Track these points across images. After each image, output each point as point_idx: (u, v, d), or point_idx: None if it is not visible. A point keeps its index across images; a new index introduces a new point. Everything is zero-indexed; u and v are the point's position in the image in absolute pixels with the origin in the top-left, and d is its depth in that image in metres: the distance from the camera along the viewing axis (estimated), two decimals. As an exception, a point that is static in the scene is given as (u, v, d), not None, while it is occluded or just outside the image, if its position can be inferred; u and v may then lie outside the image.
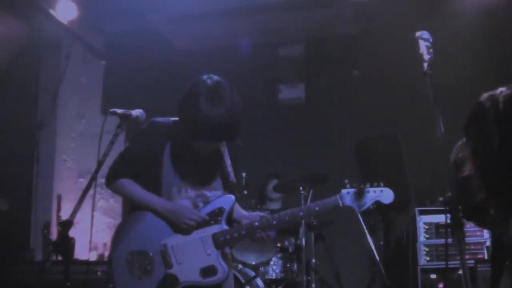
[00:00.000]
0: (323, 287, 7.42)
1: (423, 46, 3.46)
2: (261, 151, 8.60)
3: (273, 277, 6.96)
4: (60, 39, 9.25)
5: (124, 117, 3.76)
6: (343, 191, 3.89)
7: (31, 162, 8.95)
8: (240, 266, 6.75)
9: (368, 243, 6.89)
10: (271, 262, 6.98)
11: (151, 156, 3.78)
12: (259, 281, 6.62)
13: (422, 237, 6.99)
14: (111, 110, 3.73)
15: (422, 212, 6.96)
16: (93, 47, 9.75)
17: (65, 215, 7.41)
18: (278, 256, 7.01)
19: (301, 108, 9.38)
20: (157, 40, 9.28)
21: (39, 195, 8.93)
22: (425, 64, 3.43)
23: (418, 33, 3.54)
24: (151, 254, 3.70)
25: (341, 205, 3.85)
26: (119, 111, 3.76)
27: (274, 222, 3.75)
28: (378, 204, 3.94)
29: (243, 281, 6.33)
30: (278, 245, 6.99)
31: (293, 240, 7.37)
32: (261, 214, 3.90)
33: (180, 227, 3.71)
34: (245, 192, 7.18)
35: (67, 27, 8.81)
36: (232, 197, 3.82)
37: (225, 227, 3.74)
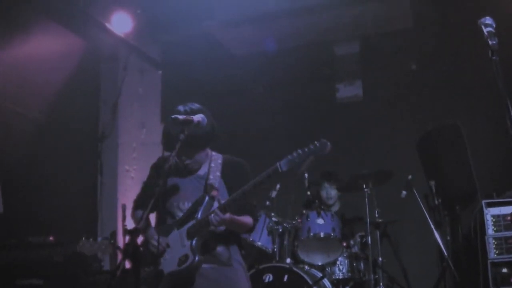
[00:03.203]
0: (391, 285, 7.33)
1: (486, 32, 3.38)
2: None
3: (340, 277, 6.91)
4: (116, 51, 9.40)
5: (186, 123, 3.80)
6: (284, 159, 4.04)
7: (95, 174, 9.11)
8: (306, 267, 6.71)
9: (436, 238, 6.79)
10: (338, 262, 6.93)
11: (157, 184, 4.02)
12: (326, 282, 6.57)
13: (490, 230, 6.80)
14: (173, 116, 3.79)
15: (490, 205, 6.77)
16: (150, 57, 9.87)
17: (130, 224, 7.51)
18: (344, 255, 6.96)
19: (359, 105, 9.30)
20: (212, 47, 9.33)
21: (104, 205, 9.08)
22: (490, 51, 3.34)
23: (480, 19, 3.46)
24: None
25: (280, 170, 4.01)
26: (180, 117, 3.81)
27: (223, 202, 4.14)
28: (317, 157, 4.09)
29: (310, 282, 6.29)
30: (344, 244, 6.93)
31: (358, 239, 7.32)
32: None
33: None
34: (308, 193, 7.15)
35: (123, 39, 8.95)
36: (206, 196, 4.23)
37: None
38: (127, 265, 3.48)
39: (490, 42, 3.37)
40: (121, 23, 8.65)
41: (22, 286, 6.33)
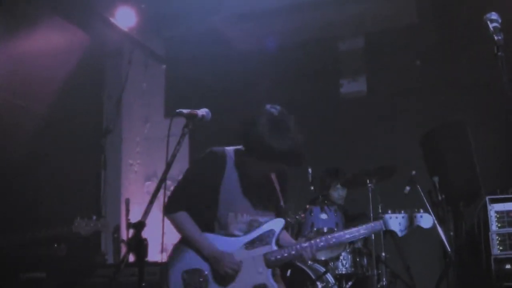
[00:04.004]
0: (394, 280, 7.33)
1: (492, 28, 3.38)
2: (326, 146, 8.58)
3: (343, 272, 6.91)
4: (121, 46, 9.41)
5: (191, 117, 3.80)
6: (386, 216, 4.25)
7: (98, 168, 9.13)
8: (310, 262, 6.72)
9: (439, 234, 6.79)
10: (341, 257, 6.93)
11: (208, 184, 4.00)
12: (329, 277, 6.58)
13: (494, 226, 6.80)
14: (177, 110, 3.78)
15: (493, 201, 6.77)
16: (154, 52, 9.88)
17: (133, 218, 7.52)
18: (348, 251, 6.96)
19: (363, 101, 9.29)
20: (217, 42, 9.33)
21: (108, 199, 9.11)
22: (496, 47, 3.34)
23: (486, 15, 3.46)
24: (205, 272, 3.95)
25: (384, 228, 4.20)
26: (185, 111, 3.81)
27: (321, 244, 4.05)
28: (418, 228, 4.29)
29: (313, 277, 6.31)
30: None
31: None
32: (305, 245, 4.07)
33: (219, 274, 3.93)
34: (312, 188, 7.16)
35: (127, 34, 8.95)
36: (282, 220, 4.10)
37: (275, 247, 4.02)
38: (131, 258, 3.49)
39: (495, 38, 3.36)
40: (125, 18, 8.66)
41: (26, 280, 6.35)
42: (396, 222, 4.21)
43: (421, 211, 4.26)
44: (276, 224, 4.07)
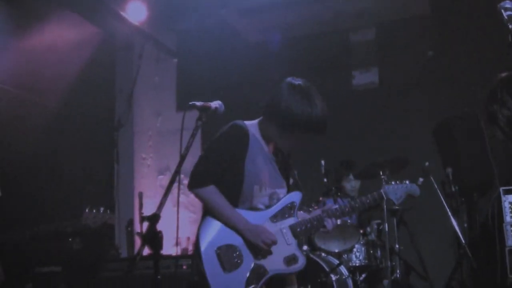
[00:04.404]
0: (409, 272, 7.32)
1: (506, 16, 3.35)
2: (339, 138, 8.56)
3: (357, 264, 6.90)
4: (132, 40, 9.42)
5: (204, 110, 3.81)
6: (386, 186, 4.41)
7: (111, 162, 9.16)
8: (323, 254, 6.72)
9: (453, 226, 6.77)
10: (354, 249, 6.93)
11: (234, 157, 3.99)
12: (343, 269, 6.58)
13: (508, 217, 6.74)
14: (190, 103, 3.79)
15: (508, 192, 6.74)
16: (165, 46, 9.88)
17: (146, 212, 7.54)
18: (361, 243, 6.95)
19: (376, 92, 9.25)
20: (228, 34, 9.33)
21: (121, 193, 9.14)
22: (510, 35, 3.32)
23: (500, 3, 3.43)
24: (239, 247, 3.93)
25: (385, 197, 4.35)
26: (198, 103, 3.81)
27: (337, 213, 4.14)
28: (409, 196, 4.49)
29: (327, 269, 6.30)
30: (361, 231, 6.93)
31: (375, 227, 7.31)
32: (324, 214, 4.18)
33: (254, 248, 3.94)
34: (325, 180, 7.15)
35: (139, 28, 8.96)
36: (300, 193, 4.17)
37: (298, 219, 4.09)
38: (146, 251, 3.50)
39: (510, 26, 3.34)
40: (136, 12, 8.66)
41: (41, 274, 6.39)
42: (393, 191, 4.40)
43: (407, 181, 4.51)
44: (296, 196, 4.14)
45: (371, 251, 7.02)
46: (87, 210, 5.32)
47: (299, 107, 3.93)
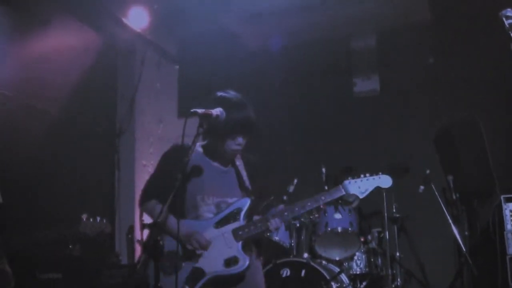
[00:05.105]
0: (409, 280, 7.32)
1: (508, 24, 3.35)
2: (339, 145, 8.56)
3: (358, 272, 6.91)
4: (134, 46, 9.41)
5: (205, 117, 3.82)
6: (345, 181, 4.37)
7: (112, 169, 9.14)
8: (324, 262, 6.71)
9: (454, 233, 6.77)
10: (355, 257, 6.93)
11: (175, 173, 4.10)
12: (344, 277, 6.58)
13: (509, 225, 6.77)
14: (192, 110, 3.82)
15: (509, 200, 6.75)
16: (166, 52, 9.87)
17: (147, 219, 7.54)
18: (362, 250, 6.95)
19: (377, 100, 9.25)
20: (229, 41, 9.32)
21: (122, 200, 9.10)
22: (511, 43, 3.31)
23: (502, 11, 3.44)
24: (179, 252, 4.12)
25: (344, 193, 4.33)
26: (199, 111, 3.84)
27: (285, 214, 4.28)
28: (379, 189, 4.39)
29: (328, 277, 6.29)
30: (362, 239, 6.92)
31: (376, 234, 7.30)
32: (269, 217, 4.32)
33: (190, 252, 4.16)
34: (326, 187, 7.15)
35: (140, 34, 8.96)
36: (248, 199, 4.33)
37: (243, 223, 4.27)
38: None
39: (511, 34, 3.34)
40: (138, 18, 8.66)
41: (42, 280, 6.37)
42: (355, 185, 4.33)
43: (380, 173, 4.40)
44: (242, 203, 4.31)
45: (372, 259, 7.03)
46: (84, 219, 5.32)
47: (230, 115, 4.16)
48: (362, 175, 4.38)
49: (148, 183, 4.52)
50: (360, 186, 4.34)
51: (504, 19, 3.41)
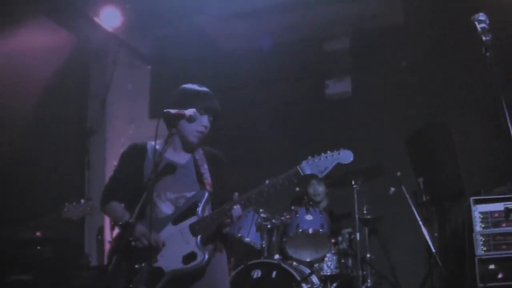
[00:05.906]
0: (380, 281, 7.36)
1: (480, 29, 3.38)
2: (312, 146, 8.56)
3: (328, 273, 6.92)
4: (106, 46, 9.37)
5: (178, 117, 3.81)
6: (304, 161, 4.15)
7: (82, 169, 9.08)
8: (295, 263, 6.71)
9: (423, 235, 6.83)
10: (326, 259, 6.94)
11: (131, 172, 4.19)
12: (314, 278, 6.58)
13: (478, 227, 6.82)
14: (165, 110, 3.80)
15: (477, 202, 6.81)
16: (139, 52, 9.84)
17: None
18: (333, 252, 6.97)
19: (349, 102, 9.29)
20: (202, 42, 9.30)
21: (92, 200, 9.04)
22: (484, 47, 3.35)
23: (474, 16, 3.47)
24: (138, 253, 3.95)
25: (302, 173, 4.11)
26: (172, 111, 3.81)
27: (242, 202, 4.08)
28: (339, 165, 4.14)
29: (299, 278, 6.29)
30: (332, 241, 6.94)
31: (347, 236, 7.33)
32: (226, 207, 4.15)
33: (145, 252, 3.97)
34: (297, 189, 7.16)
35: (113, 34, 8.91)
36: (206, 192, 4.18)
37: (200, 217, 4.10)
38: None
39: (483, 38, 3.37)
40: (110, 18, 8.62)
41: (12, 282, 6.32)
42: (314, 165, 4.11)
43: (340, 149, 4.15)
44: (199, 195, 4.16)
45: (343, 260, 7.04)
46: (67, 204, 5.34)
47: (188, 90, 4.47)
48: (322, 154, 4.13)
49: (108, 185, 4.43)
50: (318, 165, 4.12)
51: (476, 23, 3.43)
